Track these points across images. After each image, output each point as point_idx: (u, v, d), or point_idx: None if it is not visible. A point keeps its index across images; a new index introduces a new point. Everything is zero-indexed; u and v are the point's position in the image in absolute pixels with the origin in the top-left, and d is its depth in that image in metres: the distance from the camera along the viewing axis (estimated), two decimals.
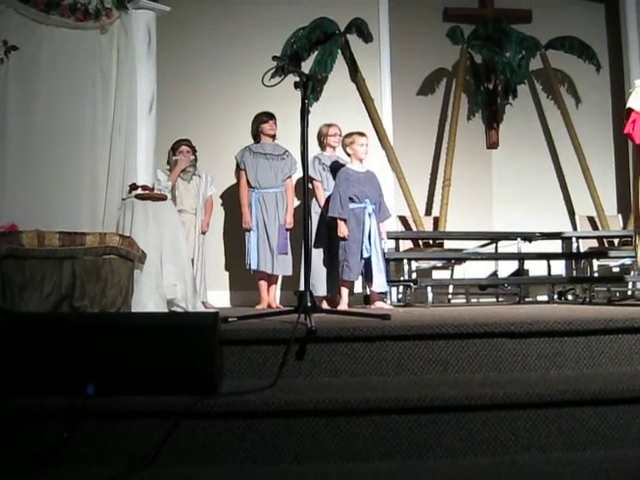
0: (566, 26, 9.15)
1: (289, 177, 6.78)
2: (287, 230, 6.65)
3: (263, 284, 6.66)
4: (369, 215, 6.08)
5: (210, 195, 7.04)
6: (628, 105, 5.27)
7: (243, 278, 6.93)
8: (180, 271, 5.07)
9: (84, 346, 2.79)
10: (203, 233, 6.93)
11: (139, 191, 5.07)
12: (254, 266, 6.57)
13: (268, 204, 6.62)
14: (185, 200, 6.80)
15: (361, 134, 6.26)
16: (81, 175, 5.25)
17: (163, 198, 5.17)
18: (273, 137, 6.81)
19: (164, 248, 4.97)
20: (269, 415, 2.72)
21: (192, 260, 6.60)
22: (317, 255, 6.28)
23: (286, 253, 6.62)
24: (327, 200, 6.29)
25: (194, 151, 6.92)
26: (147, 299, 4.71)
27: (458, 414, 2.77)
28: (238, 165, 6.76)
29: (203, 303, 6.13)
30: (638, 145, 5.17)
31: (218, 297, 7.28)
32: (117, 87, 5.39)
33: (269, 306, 6.54)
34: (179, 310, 4.92)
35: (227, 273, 7.73)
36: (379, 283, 6.07)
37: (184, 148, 6.84)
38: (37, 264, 4.22)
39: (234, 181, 7.25)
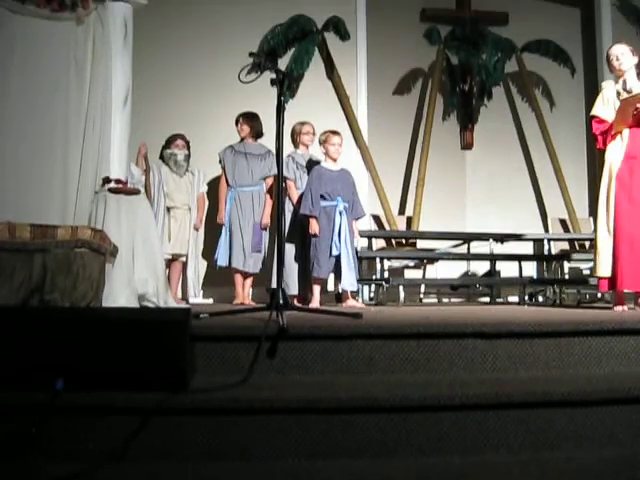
0: (542, 29, 9.23)
1: (269, 177, 6.78)
2: (262, 229, 6.66)
3: (239, 280, 6.67)
4: (340, 213, 6.07)
5: (202, 192, 7.04)
6: (592, 112, 5.28)
7: (221, 274, 6.90)
8: (152, 265, 5.03)
9: (54, 340, 2.76)
10: (196, 229, 6.96)
11: (112, 185, 5.03)
12: (221, 262, 6.64)
13: (243, 202, 6.65)
14: (176, 196, 6.83)
15: (335, 133, 6.24)
16: (53, 168, 5.18)
17: (136, 192, 5.14)
18: (256, 137, 6.81)
19: (136, 242, 4.94)
20: (240, 412, 2.71)
21: (186, 256, 6.83)
22: (289, 253, 6.27)
23: (259, 251, 6.64)
24: (300, 198, 6.30)
25: (188, 146, 6.92)
26: (118, 294, 4.68)
27: (428, 414, 2.77)
28: (220, 163, 6.82)
29: (183, 300, 6.13)
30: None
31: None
32: (92, 79, 5.32)
33: (243, 302, 6.54)
34: (150, 305, 4.89)
35: (204, 269, 7.68)
36: (349, 281, 6.06)
37: (180, 142, 6.85)
38: (7, 257, 4.16)
39: (209, 178, 7.23)
